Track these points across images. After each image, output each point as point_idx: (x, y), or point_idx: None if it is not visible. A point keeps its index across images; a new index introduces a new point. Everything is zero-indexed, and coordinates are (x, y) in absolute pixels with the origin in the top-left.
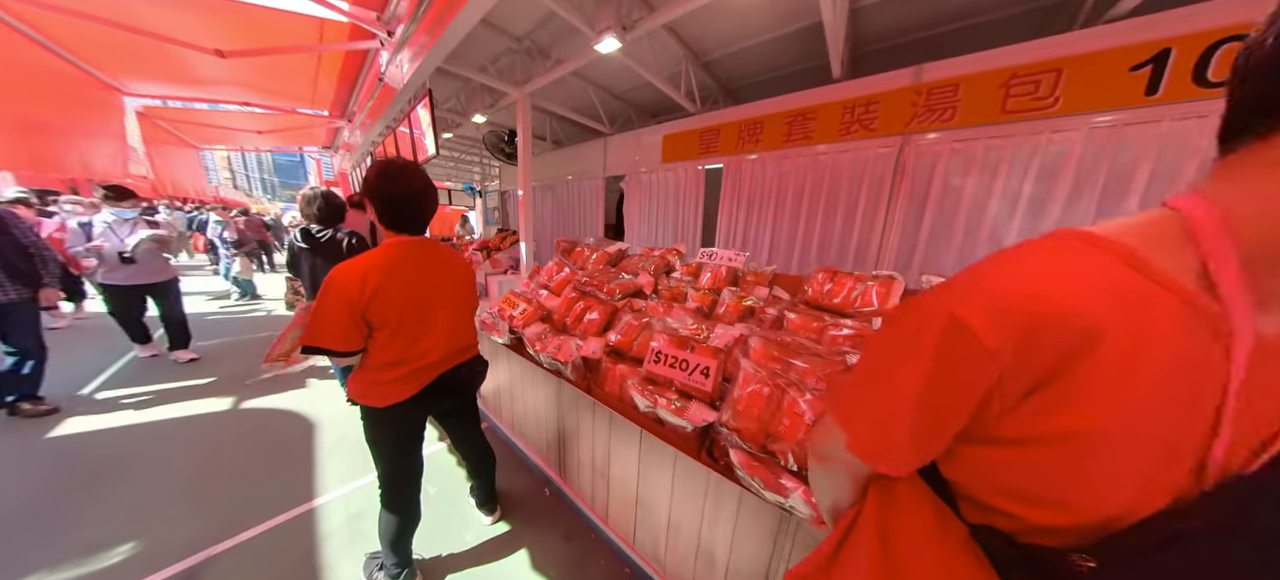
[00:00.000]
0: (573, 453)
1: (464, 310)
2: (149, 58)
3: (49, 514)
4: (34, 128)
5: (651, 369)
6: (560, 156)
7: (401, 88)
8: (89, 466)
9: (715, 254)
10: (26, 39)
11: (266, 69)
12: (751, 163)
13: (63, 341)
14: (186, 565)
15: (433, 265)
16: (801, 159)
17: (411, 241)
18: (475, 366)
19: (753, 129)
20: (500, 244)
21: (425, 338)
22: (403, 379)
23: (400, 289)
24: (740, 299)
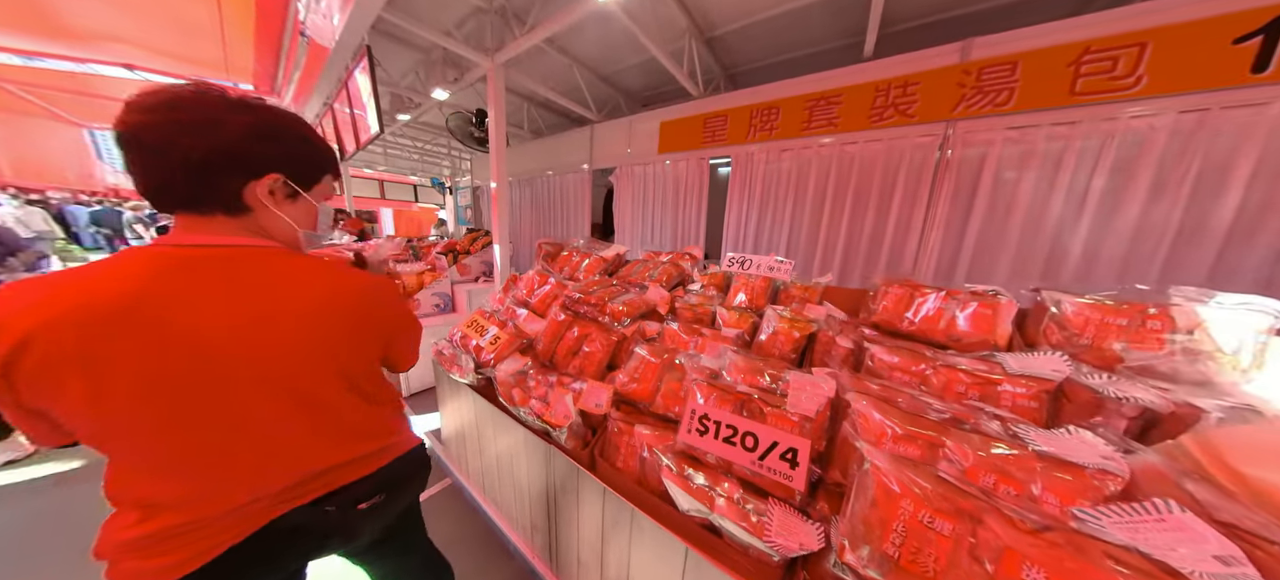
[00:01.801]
0: (569, 541)
1: (332, 390)
2: None
3: None
4: None
5: (692, 442)
6: (540, 147)
7: (334, 47)
8: None
9: (750, 261)
10: None
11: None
12: (766, 153)
13: None
14: None
15: (240, 300)
16: (825, 149)
17: (175, 252)
18: (379, 490)
19: (767, 115)
20: (470, 246)
21: (214, 462)
22: (155, 541)
23: (112, 361)
24: (792, 323)
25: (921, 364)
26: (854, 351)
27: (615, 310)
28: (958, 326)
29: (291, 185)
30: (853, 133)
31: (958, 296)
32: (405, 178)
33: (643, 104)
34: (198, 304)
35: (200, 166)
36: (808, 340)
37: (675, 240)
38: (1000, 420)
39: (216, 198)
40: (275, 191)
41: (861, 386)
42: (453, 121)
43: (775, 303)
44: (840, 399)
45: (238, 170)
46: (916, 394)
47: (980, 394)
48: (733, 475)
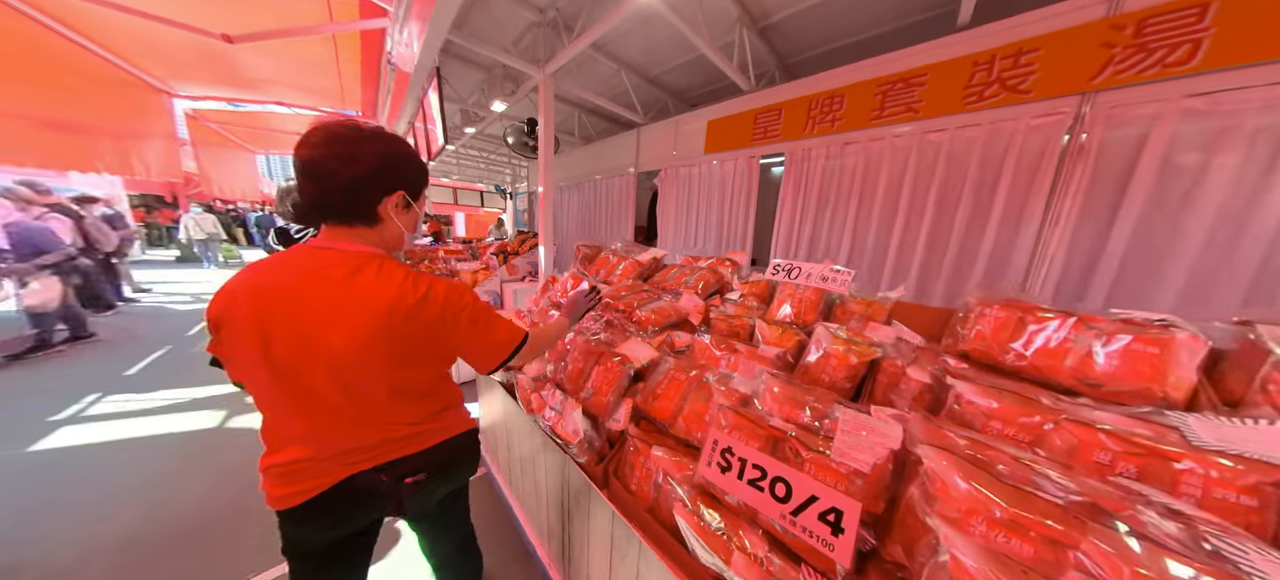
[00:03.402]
0: (581, 558)
1: (378, 384)
2: (186, 57)
3: None
4: (61, 125)
5: (711, 478)
6: (588, 152)
7: (413, 70)
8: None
9: (799, 269)
10: (57, 35)
11: (288, 61)
12: (826, 148)
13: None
14: None
15: (330, 295)
16: (901, 140)
17: (308, 249)
18: (422, 469)
19: (829, 105)
20: (519, 247)
21: (297, 418)
22: (282, 473)
23: (256, 326)
24: (849, 346)
25: (1036, 415)
26: (932, 388)
27: (644, 318)
28: (1095, 367)
29: (407, 198)
30: (940, 118)
31: (1097, 325)
32: (474, 185)
33: (691, 104)
34: (309, 295)
35: (350, 188)
36: (868, 368)
37: (720, 245)
38: (1184, 522)
39: (359, 211)
40: (398, 205)
41: (941, 439)
42: (511, 134)
43: (829, 320)
44: (907, 451)
45: (376, 189)
46: (1025, 457)
47: (1139, 469)
48: (758, 526)
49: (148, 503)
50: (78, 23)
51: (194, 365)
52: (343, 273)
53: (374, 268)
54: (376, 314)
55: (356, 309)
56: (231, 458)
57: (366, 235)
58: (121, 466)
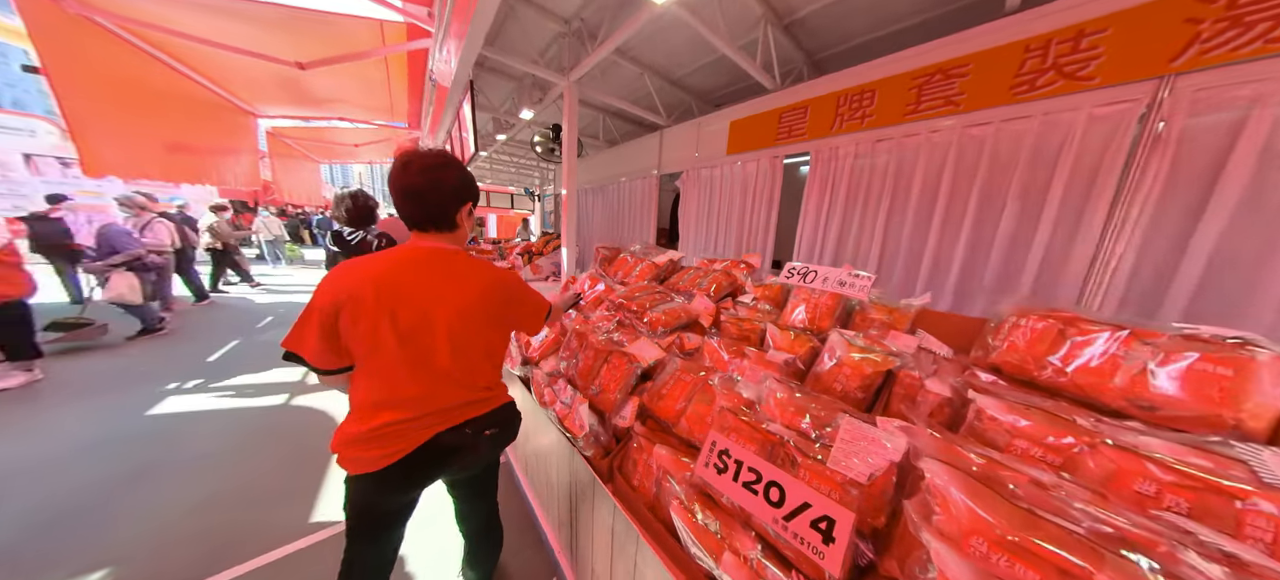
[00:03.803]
0: (586, 549)
1: (481, 344)
2: (268, 84)
3: (100, 506)
4: (180, 146)
5: (708, 478)
6: (612, 155)
7: (451, 85)
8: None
9: (815, 273)
10: (181, 74)
11: (349, 82)
12: (855, 146)
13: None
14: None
15: (444, 281)
16: (940, 136)
17: (424, 248)
18: (491, 426)
19: (859, 101)
20: (543, 248)
21: (417, 380)
22: (376, 436)
23: (386, 306)
24: (864, 354)
25: (1067, 436)
26: (951, 402)
27: (655, 318)
28: (1151, 388)
29: (472, 207)
30: (984, 111)
31: (1155, 341)
32: (505, 188)
33: (715, 104)
34: (427, 279)
35: (441, 204)
36: (884, 379)
37: (740, 247)
38: (1236, 567)
39: (444, 220)
40: (466, 213)
41: (951, 453)
42: (537, 142)
43: (847, 327)
44: (911, 464)
45: (455, 203)
46: (1047, 480)
47: (1192, 505)
48: (752, 529)
49: (232, 463)
50: (191, 60)
51: (264, 352)
52: (443, 263)
53: (462, 258)
54: (477, 289)
55: (462, 287)
56: (294, 429)
57: (448, 237)
58: (209, 433)
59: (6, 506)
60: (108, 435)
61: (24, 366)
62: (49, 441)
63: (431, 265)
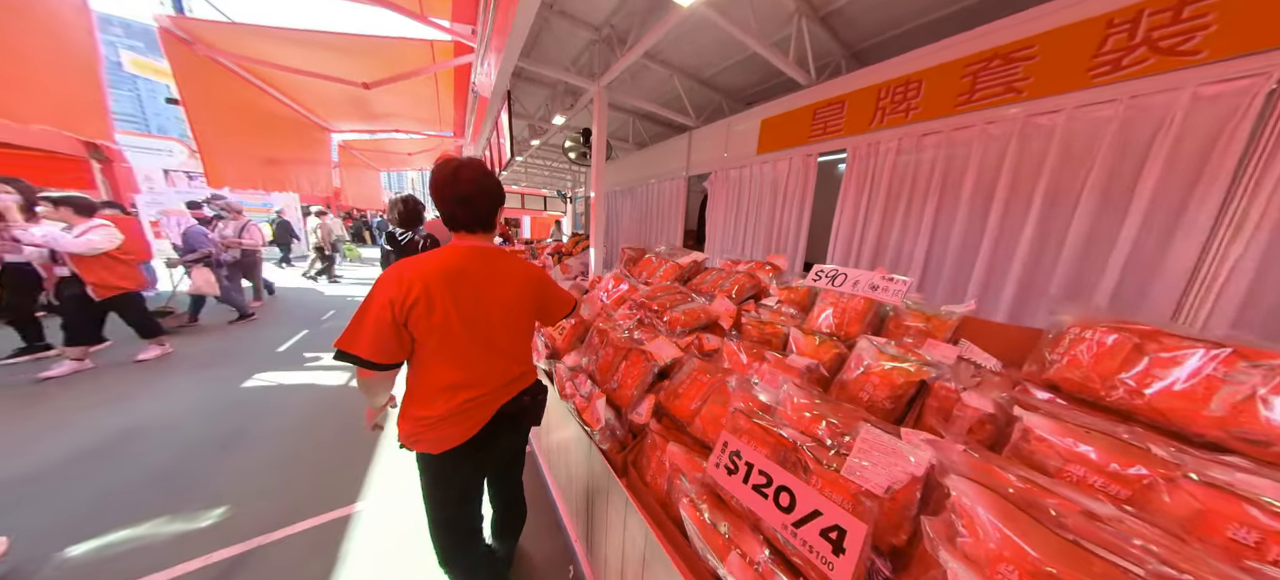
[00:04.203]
0: (600, 540)
1: (526, 326)
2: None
3: (201, 462)
4: (273, 160)
5: (719, 479)
6: (642, 157)
7: (491, 95)
8: (245, 422)
9: (845, 276)
10: (274, 99)
11: (404, 98)
12: (898, 141)
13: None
14: (244, 549)
15: (493, 273)
16: (1000, 127)
17: (471, 246)
18: (537, 393)
19: (903, 93)
20: (572, 248)
21: (484, 359)
22: (458, 413)
23: (452, 297)
24: (896, 363)
25: (1137, 466)
26: (994, 419)
27: (675, 318)
28: (1262, 417)
29: (502, 210)
30: (1054, 97)
31: (1267, 362)
32: (538, 191)
33: (746, 102)
34: (480, 272)
35: (490, 208)
36: (917, 391)
37: (769, 249)
38: None
39: (489, 222)
40: (499, 215)
41: (985, 473)
42: (568, 147)
43: (879, 334)
44: (937, 481)
45: (497, 206)
46: (1107, 513)
47: None
48: (760, 534)
49: (301, 432)
50: (282, 85)
51: (326, 340)
52: (490, 259)
53: (505, 253)
54: (521, 280)
55: (509, 278)
56: (349, 407)
57: (488, 236)
58: (285, 406)
59: (142, 453)
60: (213, 402)
61: (156, 341)
62: (172, 403)
63: (483, 260)
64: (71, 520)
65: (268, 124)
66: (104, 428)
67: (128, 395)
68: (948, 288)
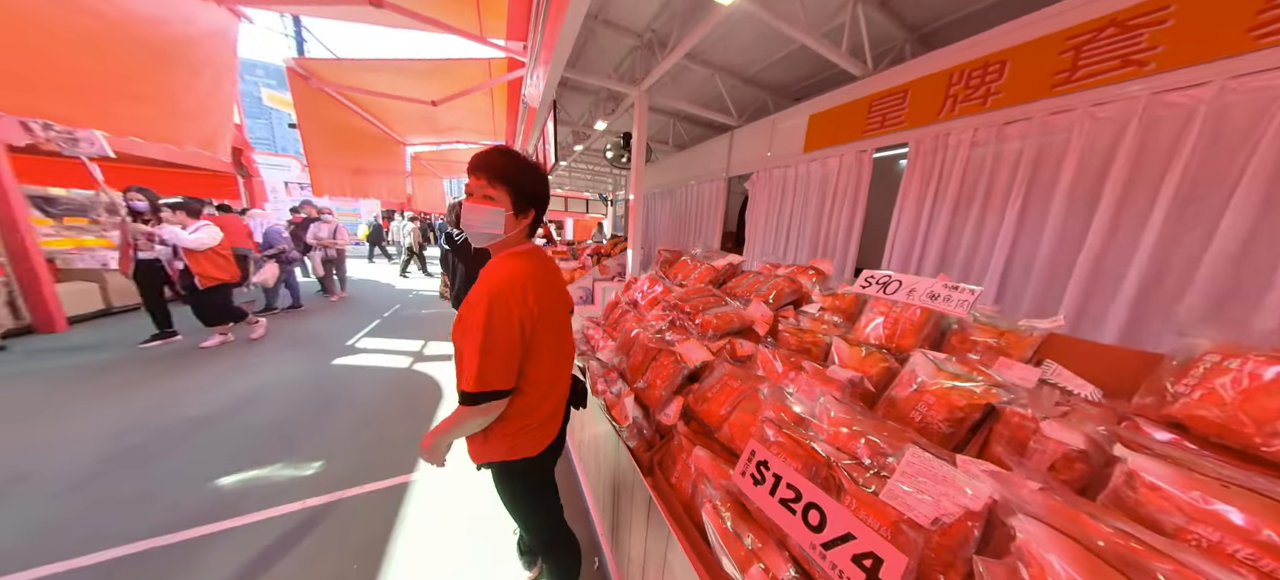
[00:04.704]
0: (625, 536)
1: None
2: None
3: (305, 422)
4: (360, 170)
5: (745, 488)
6: (681, 159)
7: (538, 105)
8: (336, 391)
9: (900, 283)
10: (362, 118)
11: (465, 111)
12: (972, 132)
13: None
14: (329, 500)
15: (552, 269)
16: (1109, 110)
17: (535, 247)
18: (579, 386)
19: (980, 78)
20: (611, 250)
21: (568, 350)
22: (555, 410)
23: (545, 295)
24: (957, 382)
25: None
26: (1086, 457)
27: (707, 321)
28: None
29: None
30: (1193, 68)
31: None
32: (581, 194)
33: (794, 98)
34: (550, 269)
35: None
36: (984, 416)
37: (815, 252)
38: None
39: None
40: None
41: (1066, 517)
42: (609, 152)
43: (939, 349)
44: (1000, 520)
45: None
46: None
47: None
48: (786, 550)
49: (375, 407)
50: (368, 106)
51: (394, 329)
52: (546, 256)
53: (550, 258)
54: (565, 282)
55: (561, 281)
56: (412, 389)
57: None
58: (363, 383)
59: (254, 416)
60: (313, 373)
61: (220, 330)
62: (283, 372)
63: (545, 259)
64: (221, 457)
65: (357, 140)
66: (237, 389)
67: (252, 366)
68: (1033, 300)
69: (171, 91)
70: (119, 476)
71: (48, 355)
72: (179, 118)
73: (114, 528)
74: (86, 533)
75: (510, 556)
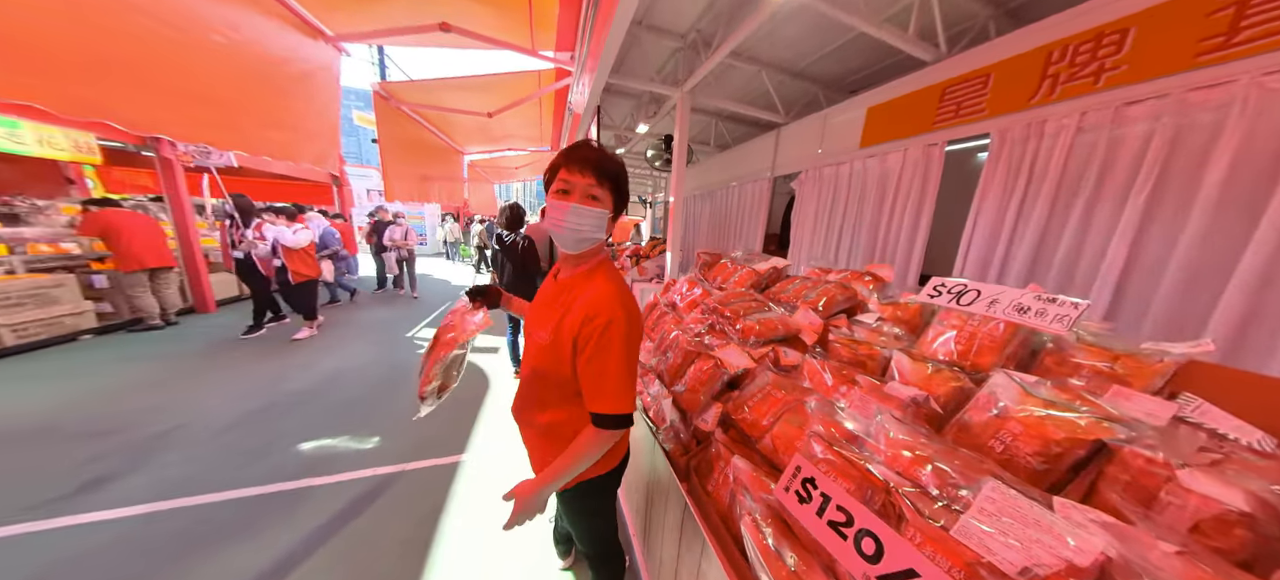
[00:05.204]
0: (657, 540)
1: None
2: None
3: (376, 401)
4: (426, 177)
5: (788, 504)
6: (723, 160)
7: (583, 112)
8: (400, 375)
9: (978, 293)
10: (428, 130)
11: (516, 121)
12: (1078, 117)
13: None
14: (392, 471)
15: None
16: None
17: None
18: None
19: (1092, 51)
20: (650, 252)
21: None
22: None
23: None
24: (1057, 411)
25: None
26: (1247, 520)
27: (747, 327)
28: None
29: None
30: None
31: None
32: None
33: (848, 90)
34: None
35: None
36: (1091, 454)
37: (872, 257)
38: None
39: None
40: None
41: None
42: (651, 151)
43: (1029, 370)
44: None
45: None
46: None
47: None
48: (834, 575)
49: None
50: (432, 120)
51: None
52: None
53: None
54: None
55: None
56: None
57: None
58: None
59: (337, 394)
60: (384, 358)
61: (309, 324)
62: (359, 357)
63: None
64: (313, 426)
65: (424, 151)
66: (323, 368)
67: (338, 348)
68: (1162, 319)
69: (295, 117)
70: (242, 433)
71: (205, 330)
72: (300, 139)
73: (240, 473)
74: (222, 475)
75: (546, 540)
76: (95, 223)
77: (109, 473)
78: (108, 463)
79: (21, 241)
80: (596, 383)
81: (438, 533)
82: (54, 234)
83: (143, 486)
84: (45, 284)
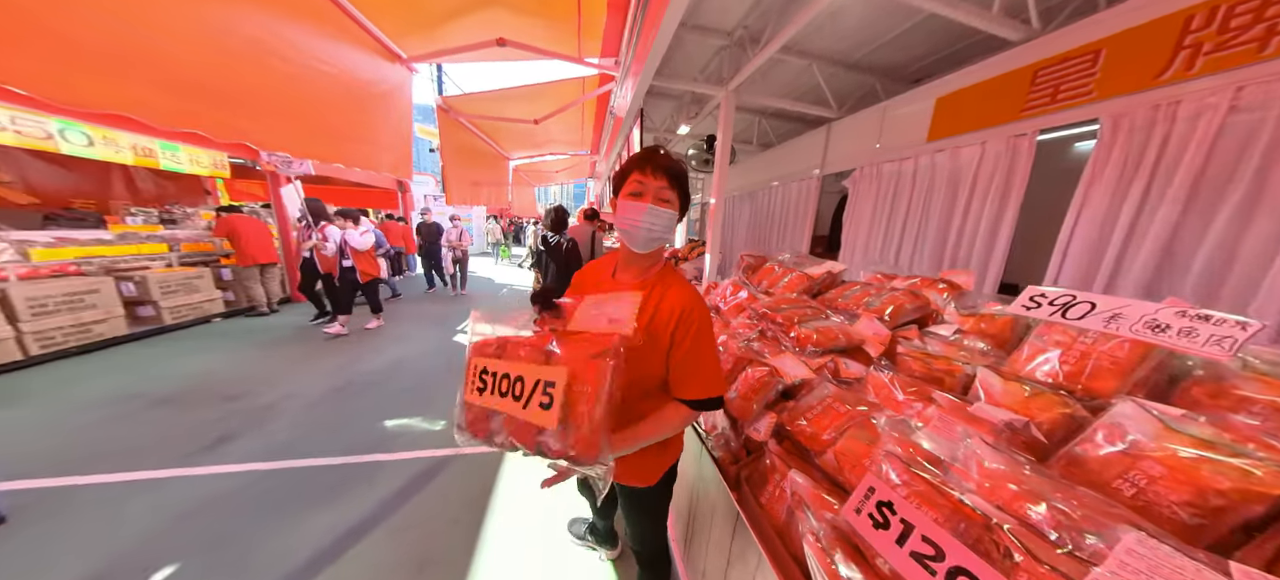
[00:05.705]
0: (700, 549)
1: None
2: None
3: (433, 388)
4: (476, 182)
5: (861, 529)
6: (766, 159)
7: (625, 115)
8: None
9: (1089, 305)
10: (474, 135)
11: (560, 126)
12: (1219, 97)
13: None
14: (446, 454)
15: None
16: None
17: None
18: None
19: (1257, 12)
20: (688, 254)
21: None
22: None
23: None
24: (1218, 454)
25: None
26: None
27: (803, 335)
28: None
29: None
30: None
31: None
32: None
33: (911, 80)
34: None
35: None
36: (1273, 513)
37: (942, 262)
38: None
39: None
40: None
41: None
42: (691, 151)
43: (1167, 401)
44: None
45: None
46: None
47: None
48: None
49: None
50: (484, 128)
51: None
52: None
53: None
54: None
55: None
56: None
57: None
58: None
59: (401, 380)
60: (440, 347)
61: (376, 317)
62: (418, 346)
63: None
64: (382, 407)
65: (475, 157)
66: (389, 355)
67: (400, 339)
68: None
69: (375, 132)
70: (327, 408)
71: (299, 317)
72: (379, 151)
73: (327, 444)
74: (313, 443)
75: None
76: (225, 226)
77: (233, 431)
78: (232, 423)
79: (177, 241)
80: (695, 370)
81: (487, 514)
82: (197, 235)
83: (258, 448)
84: (192, 276)
